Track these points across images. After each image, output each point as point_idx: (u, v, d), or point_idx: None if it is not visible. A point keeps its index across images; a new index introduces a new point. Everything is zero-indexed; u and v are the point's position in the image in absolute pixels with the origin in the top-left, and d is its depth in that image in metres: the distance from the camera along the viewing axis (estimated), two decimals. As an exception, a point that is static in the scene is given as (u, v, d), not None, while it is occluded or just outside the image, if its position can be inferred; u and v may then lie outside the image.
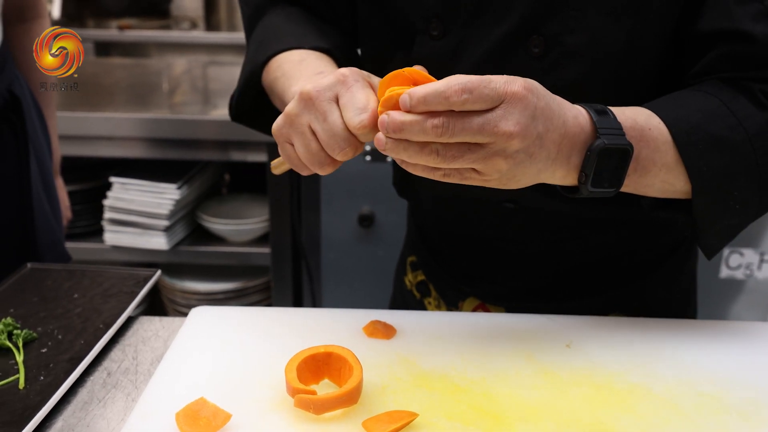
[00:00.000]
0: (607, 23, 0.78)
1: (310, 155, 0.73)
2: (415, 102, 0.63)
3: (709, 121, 0.75)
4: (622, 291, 0.97)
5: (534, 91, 0.66)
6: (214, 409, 0.68)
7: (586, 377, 0.76)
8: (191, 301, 2.15)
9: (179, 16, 3.53)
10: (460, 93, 0.62)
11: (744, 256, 1.95)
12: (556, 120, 0.68)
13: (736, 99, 0.76)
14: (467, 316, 0.90)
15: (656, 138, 0.74)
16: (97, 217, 2.08)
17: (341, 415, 0.69)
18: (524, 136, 0.65)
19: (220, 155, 2.02)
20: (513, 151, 0.66)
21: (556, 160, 0.70)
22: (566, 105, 0.71)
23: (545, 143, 0.67)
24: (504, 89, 0.64)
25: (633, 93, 0.82)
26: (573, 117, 0.70)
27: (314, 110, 0.71)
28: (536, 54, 0.80)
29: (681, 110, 0.76)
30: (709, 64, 0.79)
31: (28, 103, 1.30)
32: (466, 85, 0.62)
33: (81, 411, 0.75)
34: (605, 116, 0.71)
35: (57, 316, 0.89)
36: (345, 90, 0.70)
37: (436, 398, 0.72)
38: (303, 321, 0.86)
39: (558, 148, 0.69)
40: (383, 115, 0.65)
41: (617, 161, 0.71)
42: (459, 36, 0.84)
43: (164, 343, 0.87)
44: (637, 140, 0.73)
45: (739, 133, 0.74)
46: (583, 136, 0.70)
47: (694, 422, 0.70)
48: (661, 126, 0.75)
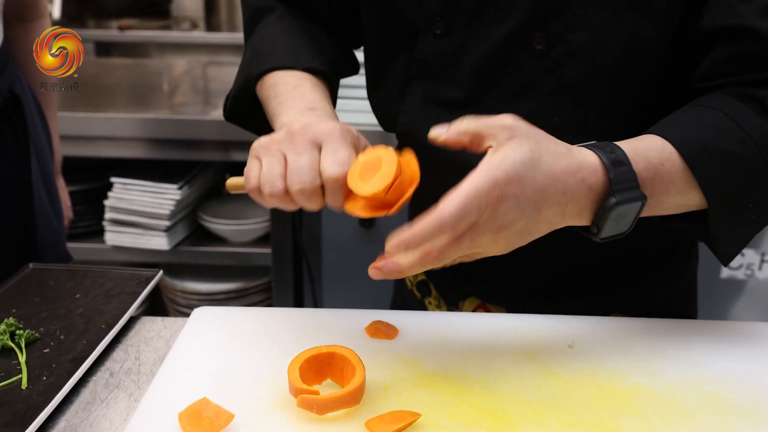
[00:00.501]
0: (609, 21, 0.78)
1: (270, 176, 0.73)
2: (412, 245, 0.66)
3: (718, 137, 0.74)
4: (623, 291, 0.97)
5: (518, 183, 0.66)
6: (217, 409, 0.68)
7: (588, 377, 0.76)
8: (192, 301, 2.15)
9: (179, 16, 3.53)
10: (453, 227, 0.64)
11: (745, 256, 1.95)
12: (550, 198, 0.68)
13: (742, 111, 0.75)
14: (469, 316, 0.90)
15: (669, 171, 0.73)
16: (98, 217, 2.08)
17: (344, 416, 0.69)
18: (509, 230, 0.67)
19: (221, 155, 2.02)
20: (504, 240, 0.68)
21: (562, 222, 0.71)
22: (572, 165, 0.69)
23: (541, 219, 0.68)
24: (486, 201, 0.65)
25: (634, 91, 0.82)
26: (580, 181, 0.69)
27: (294, 144, 0.73)
28: (539, 52, 0.80)
29: (689, 129, 0.75)
30: (714, 65, 0.78)
31: (30, 103, 1.30)
32: (460, 213, 0.64)
33: (84, 411, 0.75)
34: (621, 168, 0.70)
35: (59, 316, 0.89)
36: (331, 141, 0.72)
37: (438, 398, 0.72)
38: (305, 321, 0.86)
39: (561, 215, 0.70)
40: (380, 264, 0.68)
41: (630, 211, 0.71)
42: (462, 35, 0.84)
43: (166, 344, 0.87)
44: (651, 180, 0.72)
45: (749, 147, 0.74)
46: (594, 195, 0.70)
47: (697, 422, 0.70)
48: (673, 156, 0.74)
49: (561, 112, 0.82)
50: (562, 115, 0.82)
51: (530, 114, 0.82)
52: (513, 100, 0.84)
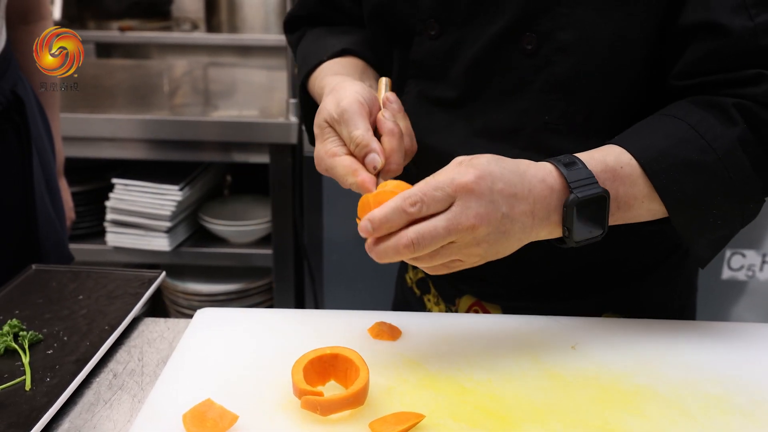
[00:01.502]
0: (595, 19, 0.79)
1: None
2: (377, 225, 0.68)
3: (678, 146, 0.76)
4: (618, 292, 0.98)
5: (487, 176, 0.69)
6: (221, 411, 0.68)
7: (591, 378, 0.76)
8: (193, 302, 2.15)
9: (180, 17, 3.53)
10: (413, 204, 0.67)
11: (746, 257, 1.95)
12: (520, 193, 0.71)
13: (705, 120, 0.76)
14: (472, 317, 0.90)
15: (630, 174, 0.76)
16: (99, 218, 2.08)
17: (348, 417, 0.69)
18: (488, 222, 0.69)
19: (222, 156, 2.02)
20: (483, 237, 0.69)
21: (533, 226, 0.73)
22: (531, 170, 0.73)
23: (515, 217, 0.71)
24: (453, 187, 0.68)
25: (622, 89, 0.83)
26: (540, 180, 0.72)
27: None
28: (529, 51, 0.82)
29: (648, 139, 0.78)
30: (688, 63, 0.79)
31: (32, 104, 1.30)
32: (417, 196, 0.67)
33: (87, 412, 0.75)
34: (574, 168, 0.73)
35: (62, 317, 0.89)
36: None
37: (442, 400, 0.72)
38: (308, 322, 0.86)
39: (532, 216, 0.72)
40: (366, 241, 0.70)
41: (596, 208, 0.73)
42: (455, 35, 0.87)
43: (170, 345, 0.87)
44: (612, 181, 0.75)
45: (709, 155, 0.75)
46: (556, 195, 0.73)
47: (701, 423, 0.70)
48: (632, 161, 0.76)
49: (551, 111, 0.84)
50: (552, 113, 0.84)
51: (521, 113, 0.84)
52: (505, 99, 0.86)
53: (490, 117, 0.87)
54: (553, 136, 0.84)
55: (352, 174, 0.76)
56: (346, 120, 0.77)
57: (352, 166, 0.76)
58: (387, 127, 0.78)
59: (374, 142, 0.77)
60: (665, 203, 0.77)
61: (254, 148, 1.98)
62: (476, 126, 0.87)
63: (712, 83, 0.79)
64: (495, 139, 0.86)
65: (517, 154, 0.85)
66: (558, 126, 0.84)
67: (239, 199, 2.26)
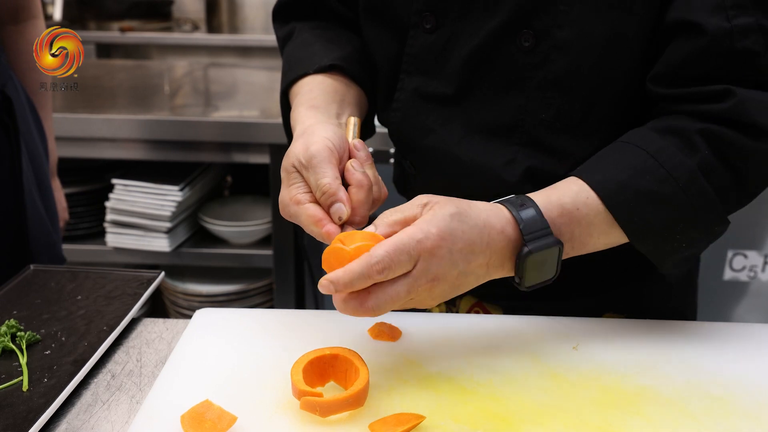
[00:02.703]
0: (592, 17, 0.79)
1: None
2: (341, 288, 0.68)
3: (637, 177, 0.76)
4: (618, 292, 0.97)
5: (449, 237, 0.69)
6: (220, 412, 0.67)
7: (593, 379, 0.75)
8: (193, 303, 2.14)
9: (181, 18, 3.53)
10: (381, 271, 0.67)
11: (748, 258, 1.94)
12: (478, 249, 0.71)
13: (665, 149, 0.76)
14: (472, 318, 0.89)
15: (587, 215, 0.76)
16: (99, 219, 2.08)
17: (347, 418, 0.68)
18: (444, 281, 0.70)
19: (222, 157, 2.01)
20: (438, 292, 0.71)
21: (487, 274, 0.74)
22: (492, 220, 0.73)
23: (470, 271, 0.72)
24: (417, 250, 0.68)
25: (618, 86, 0.83)
26: (499, 232, 0.73)
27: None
28: (526, 48, 0.82)
29: (608, 171, 0.78)
30: (663, 65, 0.79)
31: (22, 104, 1.29)
32: (384, 262, 0.67)
33: (85, 413, 0.74)
34: (531, 220, 0.73)
35: (60, 318, 0.89)
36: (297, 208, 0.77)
37: (442, 401, 0.71)
38: (308, 323, 0.85)
39: (486, 267, 0.73)
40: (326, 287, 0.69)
41: (550, 257, 0.74)
42: (451, 29, 0.86)
43: (168, 345, 0.86)
44: (568, 224, 0.76)
45: (669, 185, 0.75)
46: (511, 246, 0.73)
47: (703, 424, 0.69)
48: (590, 199, 0.76)
49: (548, 108, 0.83)
50: (549, 111, 0.83)
51: (518, 109, 0.84)
52: (501, 95, 0.85)
53: (487, 113, 0.86)
54: (550, 133, 0.84)
55: (316, 224, 0.75)
56: (314, 166, 0.75)
57: (317, 215, 0.75)
58: (356, 179, 0.76)
59: (341, 192, 0.74)
60: (627, 234, 0.77)
61: (254, 149, 1.97)
62: (472, 123, 0.87)
63: (681, 97, 0.78)
64: (492, 137, 0.86)
65: (515, 150, 0.85)
66: (555, 123, 0.83)
67: (239, 200, 2.26)
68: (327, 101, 0.88)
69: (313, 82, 0.91)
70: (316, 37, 0.99)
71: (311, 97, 0.88)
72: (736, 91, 0.75)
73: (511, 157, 0.85)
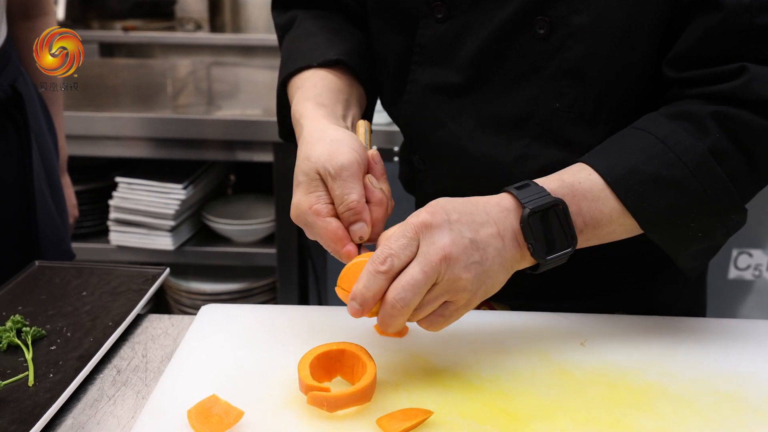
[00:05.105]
0: (609, 3, 0.78)
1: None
2: (361, 300, 0.68)
3: (645, 162, 0.75)
4: (628, 291, 0.97)
5: (440, 210, 0.69)
6: (226, 407, 0.67)
7: (601, 376, 0.75)
8: (197, 301, 2.14)
9: (184, 17, 3.53)
10: (383, 261, 0.67)
11: (753, 257, 1.94)
12: (479, 219, 0.71)
13: (674, 133, 0.75)
14: (479, 314, 0.89)
15: (590, 189, 0.75)
16: (103, 217, 2.07)
17: (355, 413, 0.68)
18: (457, 250, 0.67)
19: (225, 155, 2.01)
20: (461, 267, 0.68)
21: (506, 247, 0.71)
22: (483, 198, 0.73)
23: (484, 241, 0.70)
24: (412, 229, 0.68)
25: (634, 74, 0.82)
26: (495, 204, 0.72)
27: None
28: (541, 36, 0.80)
29: (615, 156, 0.76)
30: (682, 46, 0.77)
31: (33, 99, 1.29)
32: (384, 253, 0.67)
33: (91, 409, 0.74)
34: (526, 188, 0.73)
35: (66, 313, 0.88)
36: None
37: (450, 396, 0.71)
38: (314, 319, 0.85)
39: (501, 238, 0.71)
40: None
41: (557, 220, 0.72)
42: (463, 19, 0.85)
43: (174, 341, 0.86)
44: (571, 196, 0.74)
45: (679, 170, 0.74)
46: (513, 214, 0.72)
47: (712, 420, 0.69)
48: (592, 176, 0.75)
49: (562, 97, 0.82)
50: (563, 100, 0.82)
51: (531, 100, 0.83)
52: (514, 85, 0.84)
53: (499, 104, 0.85)
54: (563, 123, 0.83)
55: (338, 242, 0.73)
56: (344, 179, 0.73)
57: (339, 233, 0.73)
58: (376, 197, 0.75)
59: (366, 213, 0.74)
60: (638, 221, 0.75)
61: (258, 147, 1.97)
62: (484, 115, 0.86)
63: (694, 80, 0.77)
64: (503, 129, 0.85)
65: (527, 143, 0.84)
66: (569, 113, 0.82)
67: (243, 198, 2.26)
68: (333, 101, 0.86)
69: (315, 76, 0.90)
70: (318, 27, 0.97)
71: (316, 93, 0.87)
72: (750, 68, 0.74)
73: (523, 151, 0.84)
